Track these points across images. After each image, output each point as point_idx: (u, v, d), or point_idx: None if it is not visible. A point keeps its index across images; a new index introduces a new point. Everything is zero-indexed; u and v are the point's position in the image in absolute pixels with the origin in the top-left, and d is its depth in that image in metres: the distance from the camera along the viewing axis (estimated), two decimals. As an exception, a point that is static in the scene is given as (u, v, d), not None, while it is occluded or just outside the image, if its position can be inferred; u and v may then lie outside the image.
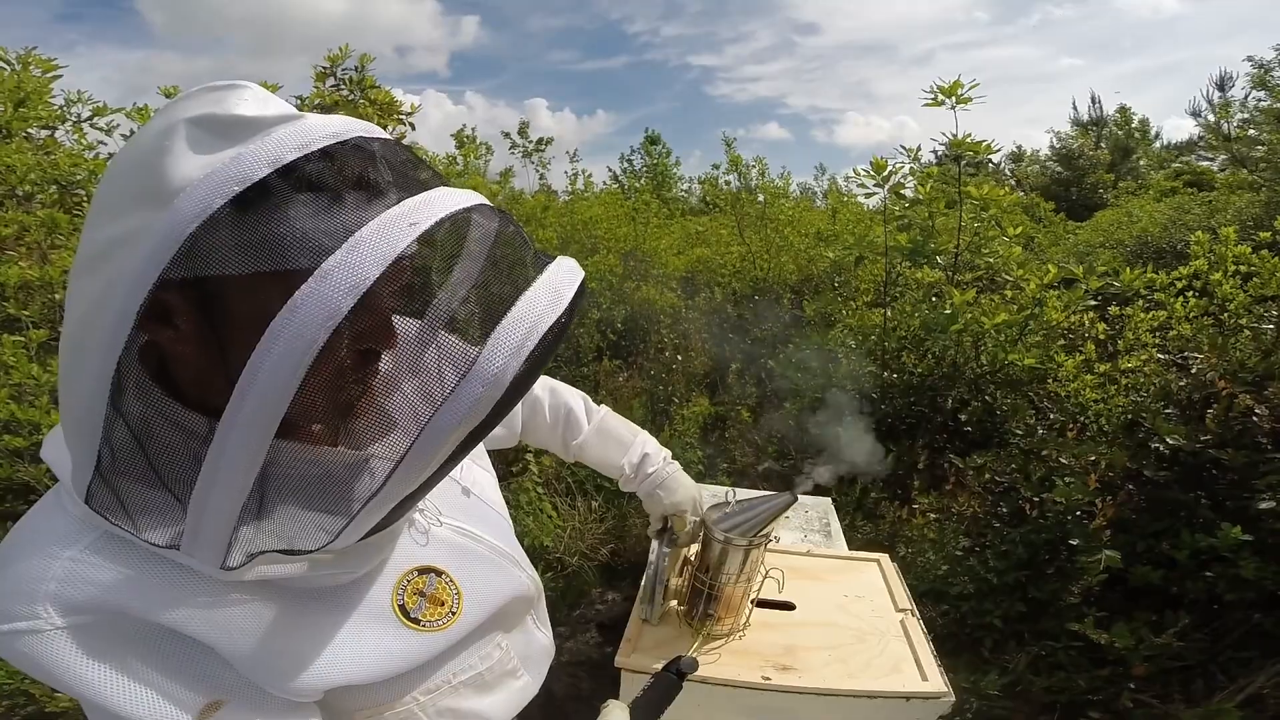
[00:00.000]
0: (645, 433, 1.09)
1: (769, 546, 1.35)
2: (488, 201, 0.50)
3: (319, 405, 0.45)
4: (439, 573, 0.66)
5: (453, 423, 0.43)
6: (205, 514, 0.43)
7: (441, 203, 0.44)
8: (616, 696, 1.05)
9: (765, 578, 1.09)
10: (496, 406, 0.45)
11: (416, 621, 0.62)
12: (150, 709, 0.47)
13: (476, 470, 0.80)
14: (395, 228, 0.41)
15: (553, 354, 0.49)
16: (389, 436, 0.48)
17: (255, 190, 0.40)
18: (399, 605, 0.61)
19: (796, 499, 1.11)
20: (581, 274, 0.50)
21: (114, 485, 0.45)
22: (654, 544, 1.06)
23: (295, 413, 0.41)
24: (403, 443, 0.45)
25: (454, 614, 0.65)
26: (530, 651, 0.82)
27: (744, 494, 1.11)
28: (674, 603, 1.14)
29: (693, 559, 1.11)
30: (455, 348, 0.45)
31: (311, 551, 0.47)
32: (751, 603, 1.10)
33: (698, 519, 1.06)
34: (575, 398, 1.07)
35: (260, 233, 0.40)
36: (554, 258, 0.49)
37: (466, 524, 0.71)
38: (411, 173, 0.47)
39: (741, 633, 1.09)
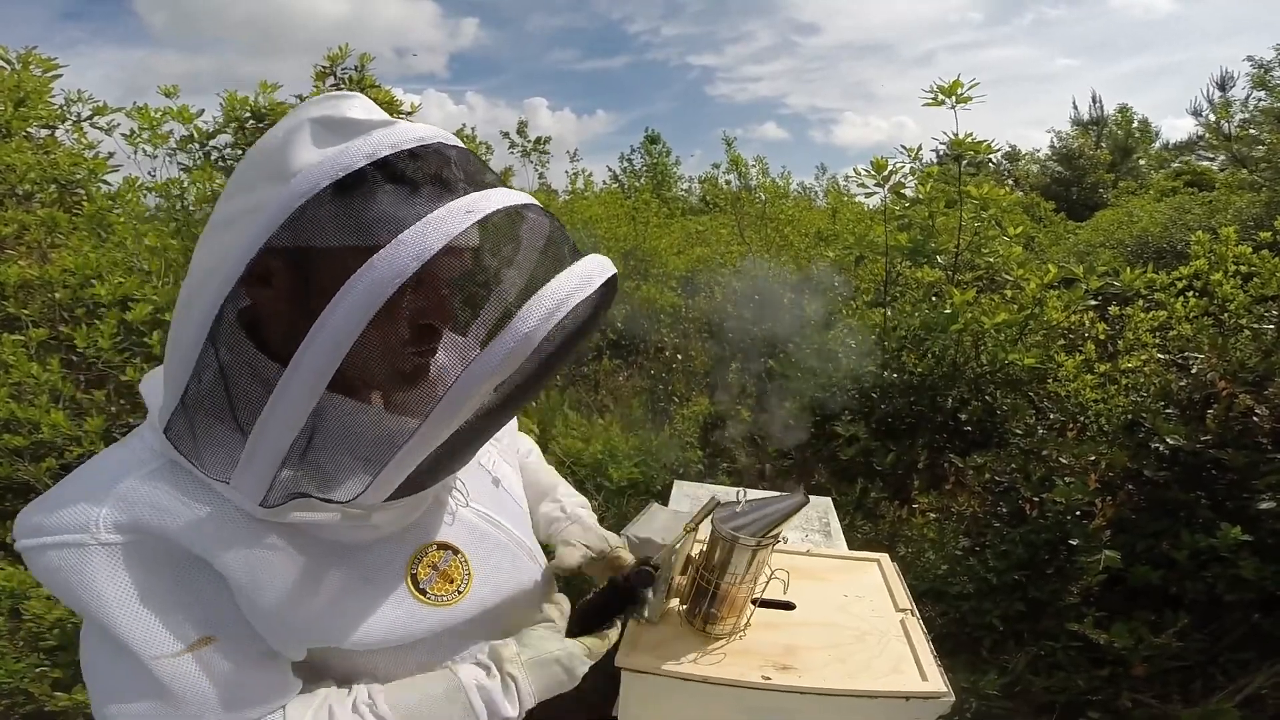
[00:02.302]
0: (564, 485, 1.11)
1: (773, 548, 1.35)
2: (537, 202, 0.58)
3: (373, 359, 0.53)
4: (456, 551, 0.71)
5: (483, 373, 0.50)
6: (260, 446, 0.51)
7: (498, 199, 0.53)
8: (616, 697, 1.05)
9: (770, 578, 1.09)
10: (525, 369, 0.53)
11: (424, 593, 0.67)
12: (146, 635, 0.54)
13: (504, 465, 0.86)
14: (457, 214, 0.50)
15: (584, 336, 0.60)
16: (425, 389, 0.58)
17: (354, 177, 0.50)
18: (411, 574, 0.66)
19: (807, 501, 1.11)
20: (613, 269, 0.57)
21: (191, 416, 0.53)
22: (624, 540, 1.06)
23: (350, 363, 0.49)
24: (436, 393, 0.53)
25: (460, 593, 0.70)
26: None
27: (755, 494, 1.11)
28: (675, 601, 1.14)
29: (697, 557, 1.11)
30: (495, 315, 0.53)
31: (345, 502, 0.54)
32: (753, 603, 1.10)
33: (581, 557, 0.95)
34: (517, 434, 1.10)
35: (353, 211, 0.50)
36: (590, 254, 0.58)
37: (492, 511, 0.76)
38: (478, 174, 0.57)
39: (743, 633, 1.09)
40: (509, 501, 0.82)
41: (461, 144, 0.58)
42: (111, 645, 0.54)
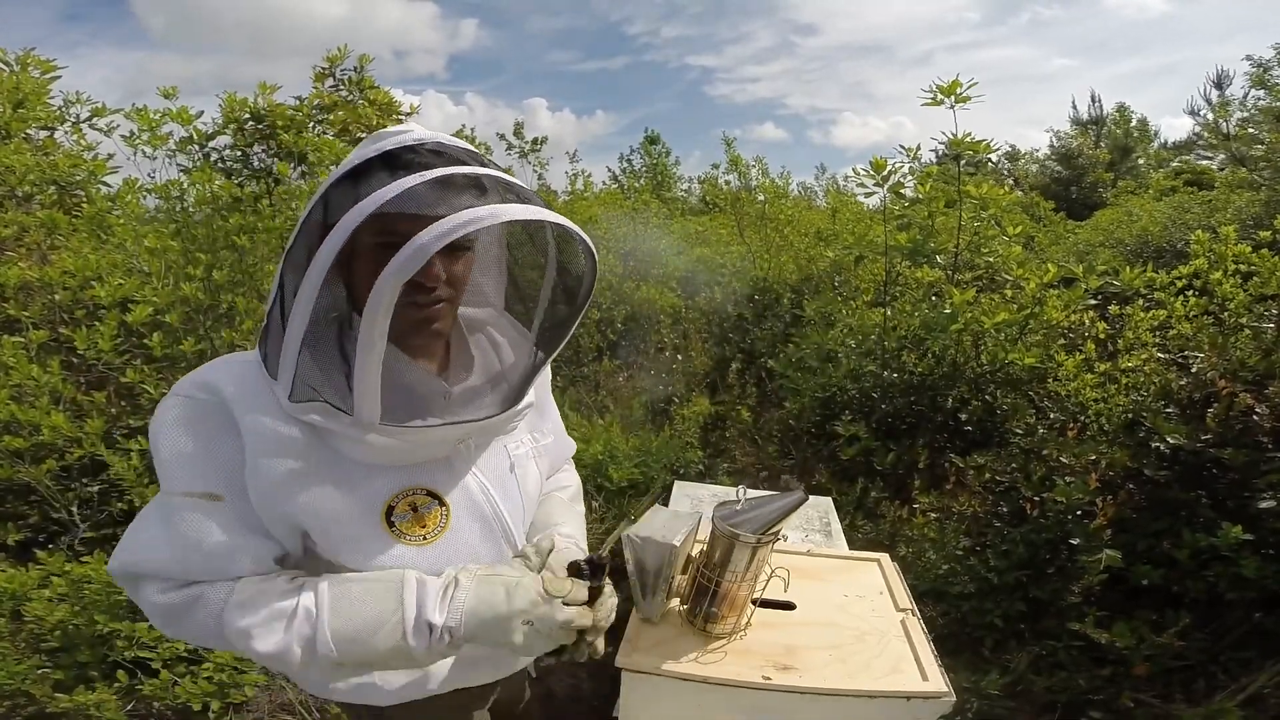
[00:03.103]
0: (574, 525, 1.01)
1: (773, 546, 1.35)
2: (502, 174, 0.70)
3: (349, 277, 0.72)
4: (441, 502, 0.78)
5: (387, 274, 0.62)
6: (287, 344, 0.67)
7: (445, 170, 0.66)
8: (616, 697, 1.05)
9: (771, 577, 1.08)
10: (423, 268, 0.63)
11: (391, 525, 0.75)
12: (177, 471, 0.70)
13: (530, 462, 0.92)
14: (400, 183, 0.64)
15: (574, 286, 0.82)
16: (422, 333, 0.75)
17: (361, 166, 0.68)
18: (389, 505, 0.75)
19: (806, 498, 1.10)
20: (547, 214, 0.68)
21: (270, 328, 0.71)
22: (625, 539, 1.06)
23: (344, 293, 0.72)
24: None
25: (426, 540, 0.76)
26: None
27: (754, 493, 1.11)
28: (676, 601, 1.14)
29: (697, 556, 1.10)
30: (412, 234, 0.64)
31: (348, 411, 0.68)
32: (754, 602, 1.10)
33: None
34: (574, 493, 1.13)
35: (347, 188, 0.67)
36: (539, 203, 0.69)
37: (492, 487, 0.83)
38: (453, 160, 0.70)
39: (743, 632, 1.09)
40: (514, 489, 0.87)
41: (456, 141, 0.73)
42: (160, 487, 0.71)
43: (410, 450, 0.75)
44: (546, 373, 0.98)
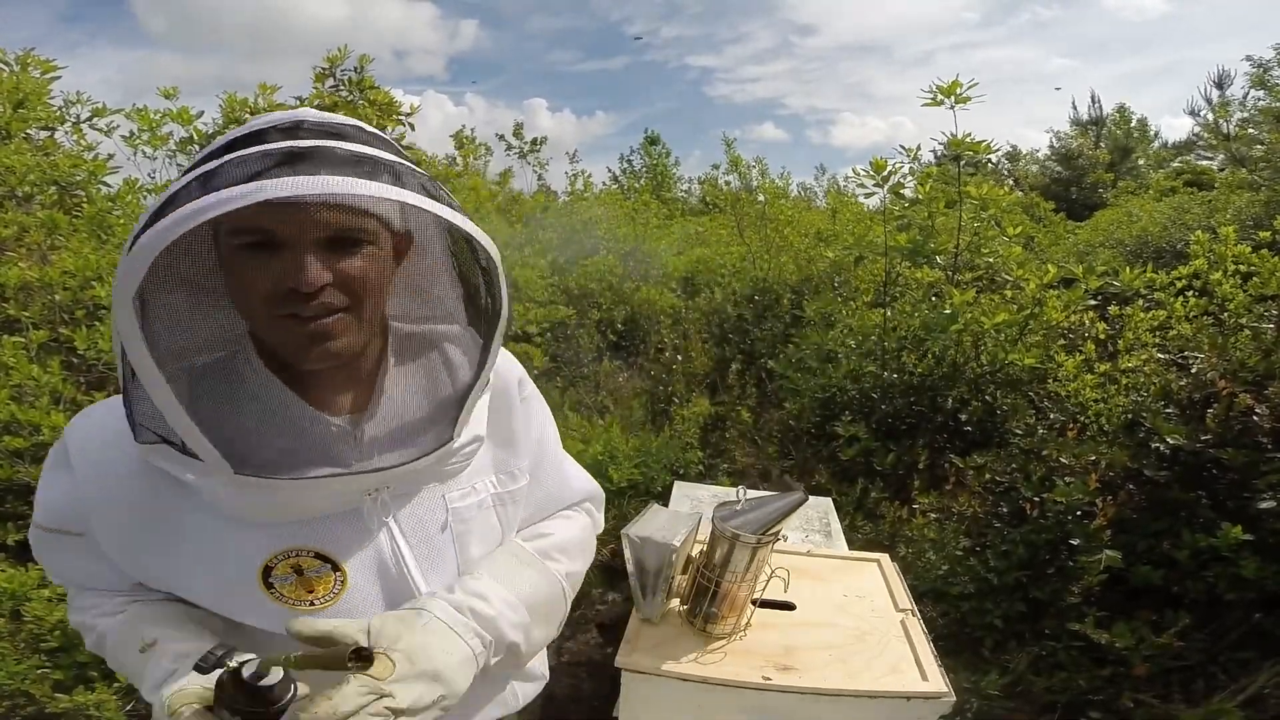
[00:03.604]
0: (502, 595, 0.73)
1: (773, 546, 1.35)
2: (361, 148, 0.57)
3: (270, 317, 0.59)
4: (337, 568, 0.64)
5: (141, 248, 0.50)
6: (126, 392, 0.58)
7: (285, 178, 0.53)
8: (616, 697, 1.05)
9: (771, 577, 1.08)
10: (296, 270, 0.55)
11: (270, 588, 0.63)
12: (40, 500, 0.67)
13: (485, 519, 0.74)
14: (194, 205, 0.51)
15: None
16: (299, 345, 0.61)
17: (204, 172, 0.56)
18: (266, 565, 0.63)
19: (806, 498, 1.10)
20: (339, 187, 0.52)
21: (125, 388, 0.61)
22: (625, 539, 1.06)
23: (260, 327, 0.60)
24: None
25: (313, 607, 0.64)
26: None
27: (754, 494, 1.11)
28: (676, 601, 1.14)
29: (697, 557, 1.11)
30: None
31: (186, 450, 0.56)
32: (754, 603, 1.10)
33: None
34: (563, 526, 0.88)
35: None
36: (361, 178, 0.54)
37: (408, 552, 0.68)
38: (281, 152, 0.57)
39: (743, 633, 1.09)
40: (445, 553, 0.70)
41: (314, 118, 0.60)
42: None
43: (282, 506, 0.62)
44: (528, 400, 0.84)
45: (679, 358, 3.98)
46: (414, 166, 0.61)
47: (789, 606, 1.16)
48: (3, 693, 1.77)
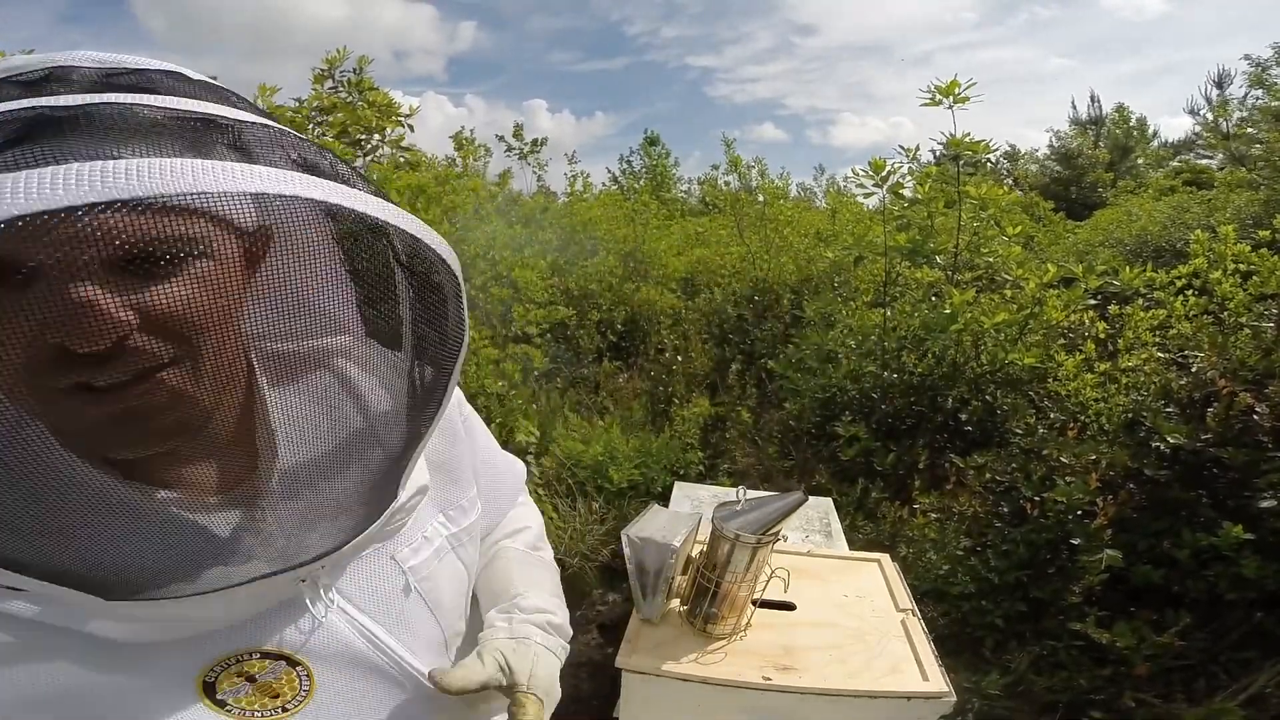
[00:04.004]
0: (540, 596, 0.75)
1: (773, 546, 1.35)
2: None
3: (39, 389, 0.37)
4: (294, 663, 0.51)
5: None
6: None
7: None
8: (616, 697, 1.05)
9: (771, 577, 1.08)
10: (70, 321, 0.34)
11: (222, 705, 0.48)
12: None
13: (447, 565, 0.65)
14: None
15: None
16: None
17: None
18: (205, 681, 0.47)
19: (806, 498, 1.11)
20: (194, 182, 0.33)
21: None
22: (625, 540, 1.06)
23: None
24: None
25: (285, 710, 0.50)
26: None
27: (754, 494, 1.11)
28: (676, 602, 1.14)
29: (697, 557, 1.11)
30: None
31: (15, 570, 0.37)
32: (754, 603, 1.10)
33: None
34: (530, 517, 0.88)
35: None
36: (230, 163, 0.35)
37: (375, 624, 0.56)
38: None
39: (743, 633, 1.09)
40: (419, 617, 0.60)
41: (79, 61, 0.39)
42: None
43: (194, 622, 0.47)
44: (468, 421, 0.74)
45: (679, 358, 3.98)
46: (281, 128, 0.42)
47: (789, 606, 1.16)
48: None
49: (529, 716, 0.60)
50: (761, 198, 4.98)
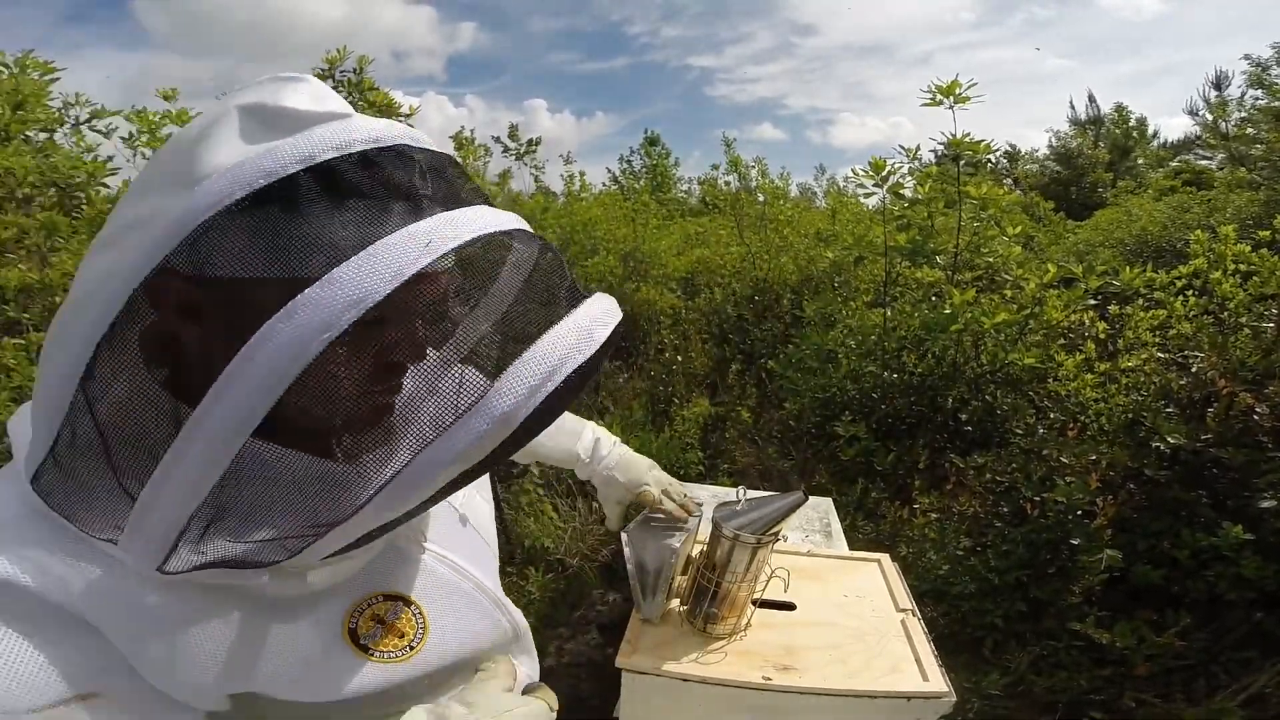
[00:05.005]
0: (593, 423, 1.10)
1: (773, 546, 1.35)
2: (526, 226, 0.47)
3: (299, 420, 0.42)
4: (408, 603, 0.59)
5: (445, 459, 0.40)
6: (152, 513, 0.40)
7: (471, 223, 0.42)
8: (617, 698, 1.05)
9: (771, 577, 1.08)
10: (501, 447, 0.41)
11: (366, 649, 0.55)
12: (19, 690, 0.40)
13: (477, 499, 0.73)
14: (414, 244, 0.39)
15: (575, 397, 0.45)
16: (375, 461, 0.44)
17: (281, 186, 0.39)
18: (349, 628, 0.55)
19: (807, 498, 1.11)
20: (619, 315, 0.47)
21: (65, 468, 0.42)
22: (625, 539, 1.06)
23: (270, 422, 0.38)
24: (386, 471, 0.42)
25: (413, 649, 0.58)
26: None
27: (754, 494, 1.11)
28: (676, 602, 1.14)
29: (697, 557, 1.11)
30: (468, 379, 0.43)
31: (262, 565, 0.44)
32: (754, 603, 1.10)
33: (666, 495, 1.02)
34: None
35: (275, 232, 0.39)
36: (591, 293, 0.46)
37: (454, 555, 0.64)
38: (450, 188, 0.45)
39: (743, 633, 1.09)
40: (478, 544, 0.69)
41: (435, 147, 0.46)
42: None
43: (350, 565, 0.55)
44: None
45: (679, 358, 3.98)
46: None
47: (789, 606, 1.16)
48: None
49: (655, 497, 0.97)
50: (762, 197, 4.97)
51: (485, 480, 0.79)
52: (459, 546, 0.65)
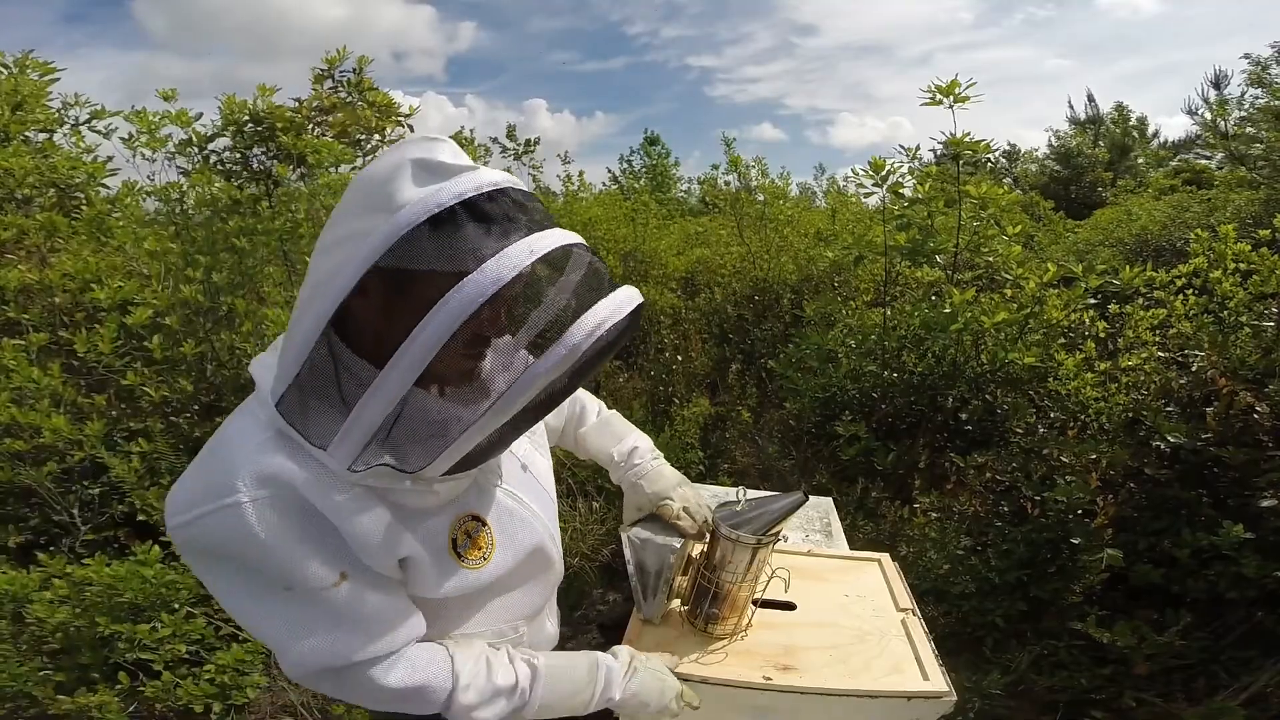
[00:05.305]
0: (641, 433, 1.19)
1: (774, 547, 1.35)
2: (583, 240, 0.68)
3: (451, 360, 0.66)
4: (484, 523, 0.82)
5: (539, 375, 0.61)
6: (357, 422, 0.62)
7: (553, 238, 0.63)
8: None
9: (772, 577, 1.08)
10: (570, 374, 0.65)
11: (460, 556, 0.79)
12: (308, 572, 0.67)
13: (537, 456, 0.96)
14: (524, 249, 0.61)
15: (613, 350, 0.70)
16: (479, 386, 0.70)
17: (446, 213, 0.60)
18: (453, 539, 0.78)
19: (807, 499, 1.11)
20: (641, 298, 0.69)
21: (301, 395, 0.65)
22: (625, 539, 1.06)
23: (434, 364, 0.60)
24: (491, 389, 0.66)
25: (485, 559, 0.81)
26: (539, 640, 0.98)
27: (754, 494, 1.11)
28: (677, 602, 1.14)
29: (698, 557, 1.11)
30: (552, 329, 0.64)
31: (412, 471, 0.66)
32: (754, 603, 1.10)
33: (685, 511, 1.06)
34: (590, 398, 1.24)
35: (444, 242, 0.60)
36: (623, 285, 0.68)
37: (520, 491, 0.88)
38: (539, 214, 0.66)
39: (744, 633, 1.09)
40: (536, 486, 0.92)
41: (525, 187, 0.67)
42: (275, 592, 0.68)
43: (459, 485, 0.78)
44: None
45: (679, 358, 3.98)
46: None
47: (790, 606, 1.16)
48: (5, 695, 1.77)
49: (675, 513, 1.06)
50: (762, 197, 4.97)
51: (544, 442, 1.02)
52: (523, 487, 0.89)
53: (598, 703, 0.87)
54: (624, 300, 0.66)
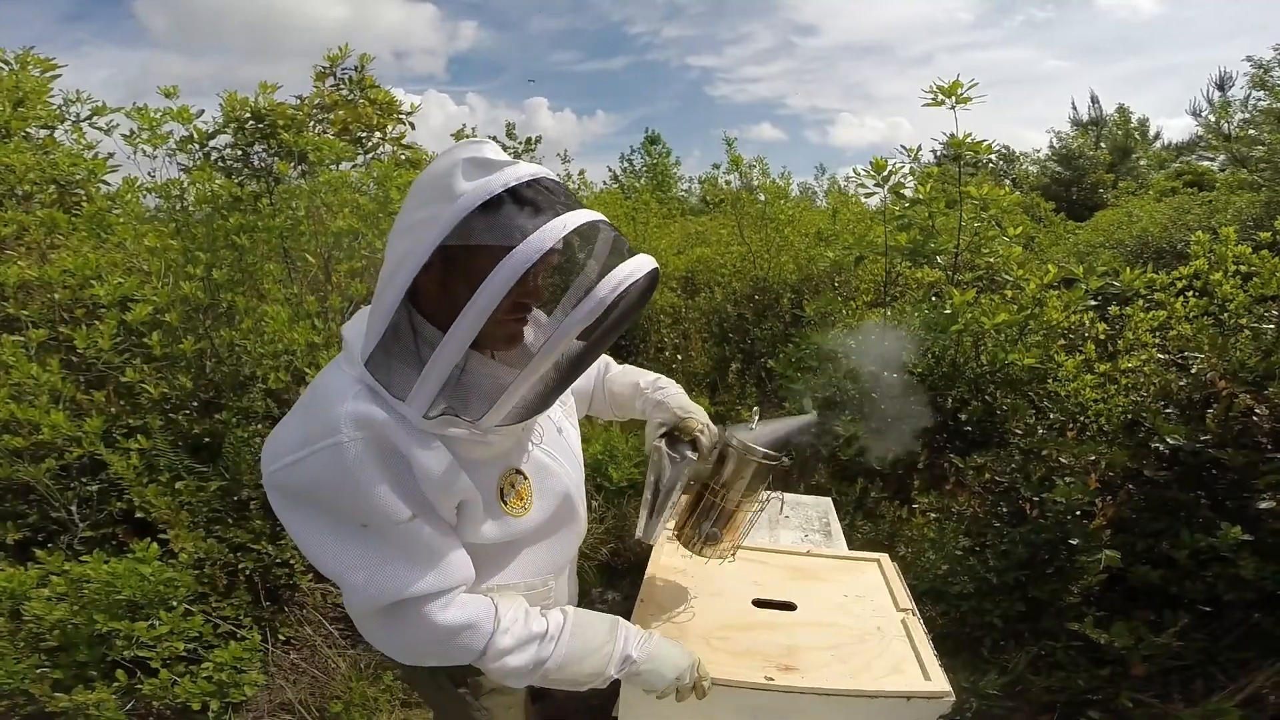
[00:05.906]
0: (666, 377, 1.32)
1: (771, 547, 1.36)
2: (605, 218, 0.81)
3: (503, 324, 0.80)
4: (525, 477, 0.95)
5: (573, 324, 0.74)
6: (431, 374, 0.76)
7: (582, 215, 0.76)
8: (616, 696, 1.05)
9: (769, 501, 1.11)
10: (601, 323, 0.79)
11: (505, 504, 0.91)
12: (389, 508, 0.79)
13: (568, 425, 1.08)
14: (558, 225, 0.74)
15: (635, 313, 0.88)
16: (524, 346, 0.88)
17: (495, 199, 0.74)
18: (500, 489, 0.91)
19: (817, 418, 1.14)
20: (655, 263, 0.81)
21: (388, 352, 0.79)
22: (657, 452, 1.09)
23: (487, 327, 0.74)
24: (541, 340, 0.78)
25: (525, 509, 0.94)
26: (562, 600, 1.08)
27: (767, 420, 1.16)
28: (671, 530, 1.16)
29: (708, 479, 1.12)
30: (585, 283, 0.79)
31: (473, 420, 0.80)
32: (754, 602, 1.10)
33: (706, 427, 1.14)
34: (612, 360, 1.39)
35: (495, 221, 0.74)
36: (640, 252, 0.81)
37: (554, 451, 1.00)
38: (569, 198, 0.79)
39: (732, 557, 1.13)
40: (567, 448, 1.05)
41: (558, 177, 0.82)
42: (354, 529, 0.80)
43: (508, 439, 0.90)
44: None
45: (679, 357, 3.98)
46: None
47: (790, 606, 1.17)
48: (2, 692, 1.77)
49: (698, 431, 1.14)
50: (762, 197, 4.96)
51: (575, 414, 1.15)
52: (556, 447, 1.01)
53: (617, 661, 0.93)
54: (642, 263, 0.78)
